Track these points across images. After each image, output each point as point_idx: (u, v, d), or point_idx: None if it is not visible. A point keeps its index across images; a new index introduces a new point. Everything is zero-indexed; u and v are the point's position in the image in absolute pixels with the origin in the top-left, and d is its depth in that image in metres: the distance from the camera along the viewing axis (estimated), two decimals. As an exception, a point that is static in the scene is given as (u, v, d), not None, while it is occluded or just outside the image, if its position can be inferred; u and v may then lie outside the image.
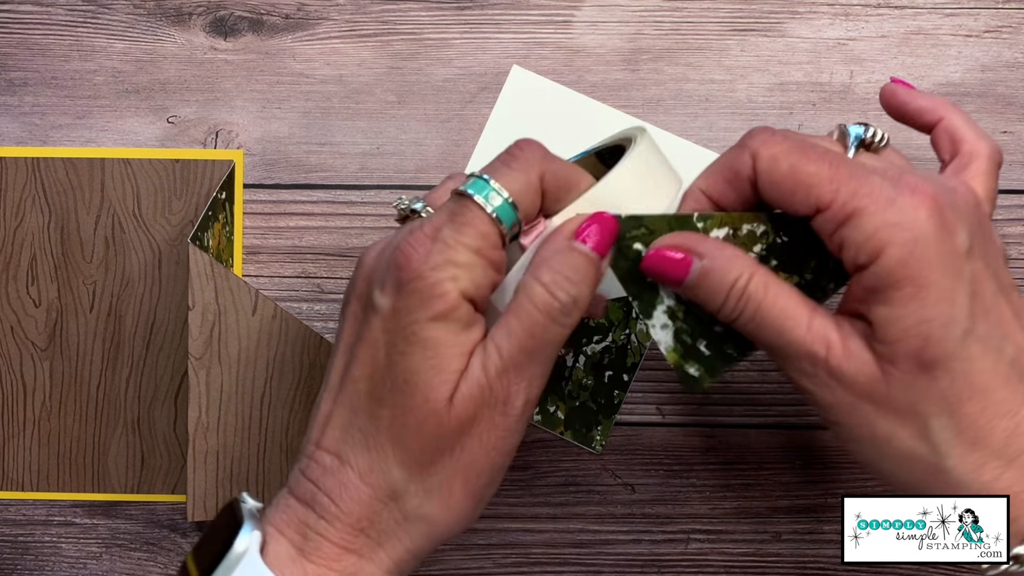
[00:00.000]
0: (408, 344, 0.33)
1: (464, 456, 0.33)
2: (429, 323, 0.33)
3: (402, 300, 0.33)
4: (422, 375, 0.33)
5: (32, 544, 0.48)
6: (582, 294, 0.33)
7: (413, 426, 0.33)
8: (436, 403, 0.33)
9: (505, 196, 0.33)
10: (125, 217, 0.48)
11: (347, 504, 0.34)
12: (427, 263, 0.33)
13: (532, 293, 0.33)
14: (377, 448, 0.34)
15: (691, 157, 0.47)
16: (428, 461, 0.33)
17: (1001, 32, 0.47)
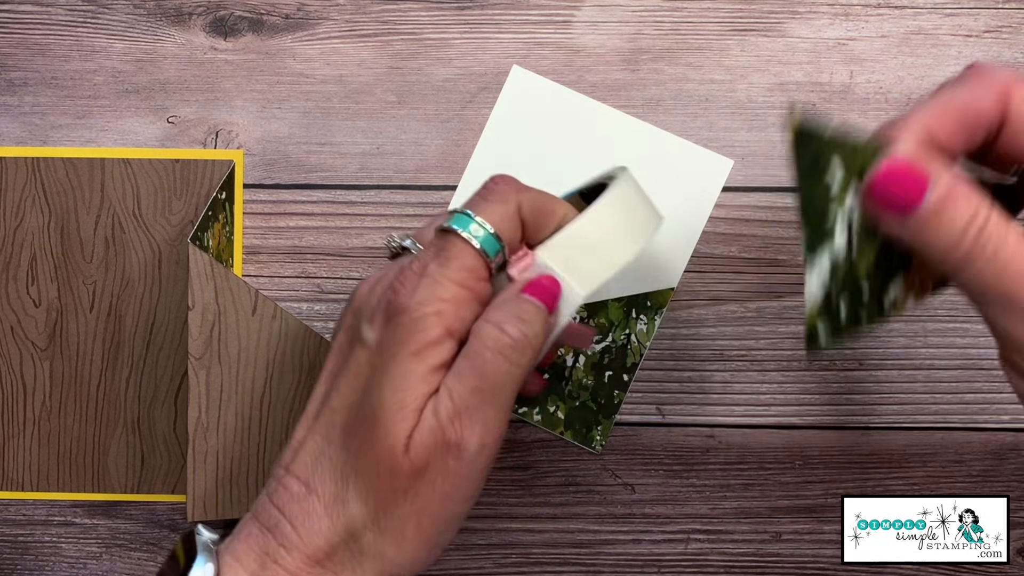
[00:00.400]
0: (383, 377, 0.33)
1: (418, 500, 0.33)
2: (407, 357, 0.33)
3: (388, 333, 0.33)
4: (387, 410, 0.33)
5: (32, 544, 0.48)
6: (534, 332, 0.34)
7: (373, 462, 0.33)
8: (394, 442, 0.33)
9: (488, 228, 0.34)
10: (125, 217, 0.48)
11: (307, 534, 0.33)
12: (414, 298, 0.33)
13: (482, 333, 0.33)
14: (342, 480, 0.33)
15: (691, 157, 0.47)
16: (384, 499, 0.33)
17: (1001, 32, 0.47)
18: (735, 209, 0.47)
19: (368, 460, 0.33)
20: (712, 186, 0.47)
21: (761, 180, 0.47)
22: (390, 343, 0.33)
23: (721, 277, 0.47)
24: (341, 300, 0.48)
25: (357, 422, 0.33)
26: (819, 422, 0.47)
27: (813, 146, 0.29)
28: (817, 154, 0.29)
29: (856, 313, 0.32)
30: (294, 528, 0.34)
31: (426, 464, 0.33)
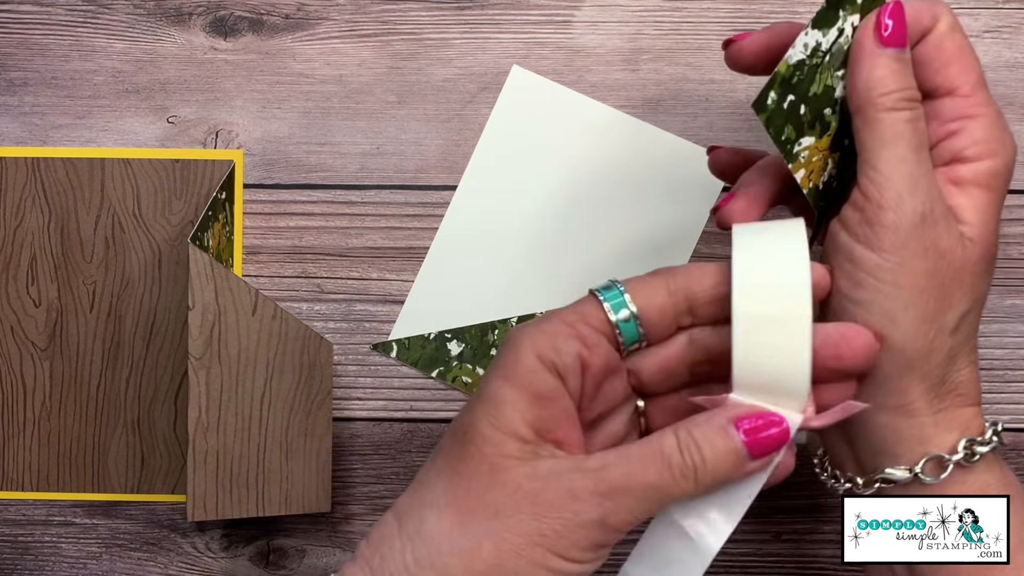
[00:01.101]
0: (477, 398, 0.33)
1: (504, 529, 0.31)
2: (497, 380, 0.32)
3: (493, 362, 0.33)
4: (479, 427, 0.32)
5: (32, 544, 0.48)
6: (709, 473, 0.31)
7: (464, 473, 0.32)
8: (491, 457, 0.31)
9: (621, 288, 0.34)
10: (125, 217, 0.48)
11: (374, 540, 0.33)
12: (520, 331, 0.33)
13: (663, 439, 0.31)
14: (420, 490, 0.33)
15: (691, 157, 0.47)
16: (466, 510, 0.32)
17: (1001, 32, 0.47)
18: (735, 209, 0.47)
19: (455, 471, 0.32)
20: (712, 186, 0.47)
21: (761, 180, 0.47)
22: (488, 370, 0.33)
23: (721, 277, 0.47)
24: (341, 300, 0.48)
25: (448, 440, 0.33)
26: (819, 422, 0.47)
27: None
28: None
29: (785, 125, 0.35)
30: (366, 540, 0.33)
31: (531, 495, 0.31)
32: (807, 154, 0.36)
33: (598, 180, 0.47)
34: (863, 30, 0.35)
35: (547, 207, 0.48)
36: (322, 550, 0.48)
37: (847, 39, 0.35)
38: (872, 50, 0.35)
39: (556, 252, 0.48)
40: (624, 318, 0.33)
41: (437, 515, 0.32)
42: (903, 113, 0.34)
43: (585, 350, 0.33)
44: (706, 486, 0.32)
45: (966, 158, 0.35)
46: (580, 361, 0.32)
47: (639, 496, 0.31)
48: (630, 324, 0.33)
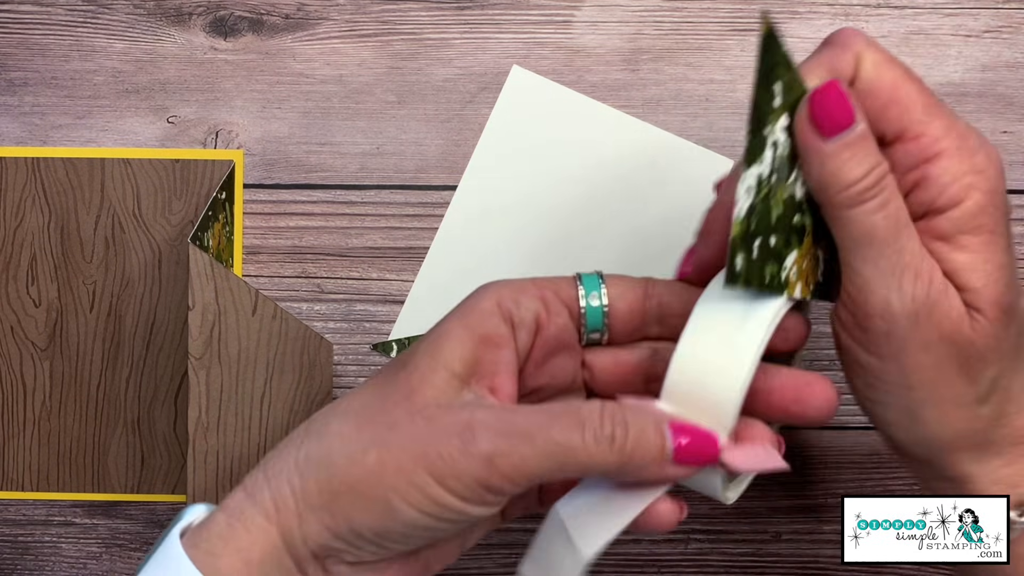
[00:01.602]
0: (426, 334, 0.33)
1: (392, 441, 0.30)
2: (450, 318, 0.32)
3: (460, 305, 0.33)
4: (415, 358, 0.32)
5: (32, 544, 0.48)
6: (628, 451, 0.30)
7: (384, 392, 0.32)
8: (415, 382, 0.31)
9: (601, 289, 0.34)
10: (125, 217, 0.48)
11: (280, 447, 0.32)
12: (490, 282, 0.33)
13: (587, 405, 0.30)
14: (340, 401, 0.33)
15: (691, 157, 0.47)
16: (366, 419, 0.31)
17: (1001, 32, 0.47)
18: (735, 209, 0.47)
19: (375, 385, 0.32)
20: (712, 186, 0.47)
21: (761, 180, 0.47)
22: (448, 313, 0.33)
23: (721, 277, 0.47)
24: (341, 300, 0.48)
25: (386, 369, 0.33)
26: (819, 422, 0.47)
27: (773, 54, 0.30)
28: (773, 64, 0.30)
29: (763, 269, 0.31)
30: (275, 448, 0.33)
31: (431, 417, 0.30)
32: (795, 269, 0.33)
33: (598, 180, 0.47)
34: (800, 125, 0.31)
35: (547, 207, 0.48)
36: (322, 550, 0.48)
37: (784, 145, 0.31)
38: (815, 147, 0.30)
39: (556, 252, 0.48)
40: (593, 303, 0.33)
41: (342, 420, 0.32)
42: (868, 204, 0.30)
43: (544, 313, 0.33)
44: (616, 463, 0.30)
45: (940, 208, 0.31)
46: (536, 320, 0.32)
47: (538, 447, 0.29)
48: (597, 310, 0.33)
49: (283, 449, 0.32)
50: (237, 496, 0.32)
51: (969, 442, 0.33)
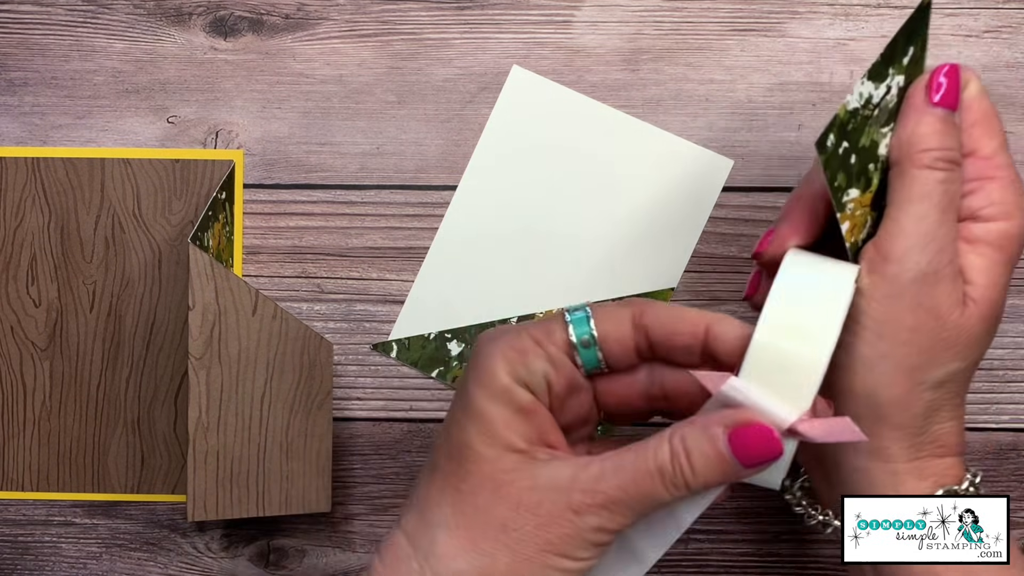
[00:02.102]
0: (464, 415, 0.33)
1: (514, 541, 0.32)
2: (483, 397, 0.33)
3: (465, 375, 0.34)
4: (475, 446, 0.33)
5: (32, 544, 0.48)
6: (699, 484, 0.32)
7: (467, 491, 0.33)
8: (491, 474, 0.33)
9: (588, 312, 0.34)
10: (125, 217, 0.48)
11: (390, 561, 0.34)
12: (490, 341, 0.34)
13: (658, 450, 0.32)
14: (427, 511, 0.34)
15: (691, 157, 0.47)
16: (476, 531, 0.33)
17: (1001, 32, 0.47)
18: (735, 209, 0.47)
19: (459, 490, 0.33)
20: (712, 186, 0.47)
21: (761, 180, 0.47)
22: (466, 382, 0.34)
23: (721, 277, 0.47)
24: (341, 300, 0.48)
25: (443, 458, 0.34)
26: (819, 422, 0.47)
27: (921, 25, 0.37)
28: (918, 29, 0.37)
29: (839, 171, 0.35)
30: (380, 560, 0.34)
31: (535, 509, 0.32)
32: (852, 206, 0.36)
33: (598, 180, 0.47)
34: (916, 87, 0.36)
35: (547, 207, 0.48)
36: (322, 550, 0.48)
37: (893, 98, 0.36)
38: (920, 107, 0.36)
39: (556, 252, 0.48)
40: (584, 343, 0.34)
41: (447, 535, 0.33)
42: (938, 173, 0.35)
43: (551, 370, 0.34)
44: (695, 492, 0.33)
45: (980, 217, 0.36)
46: (547, 380, 0.34)
47: (633, 505, 0.32)
48: (590, 350, 0.34)
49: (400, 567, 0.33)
50: None
51: (901, 418, 0.35)
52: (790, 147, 0.47)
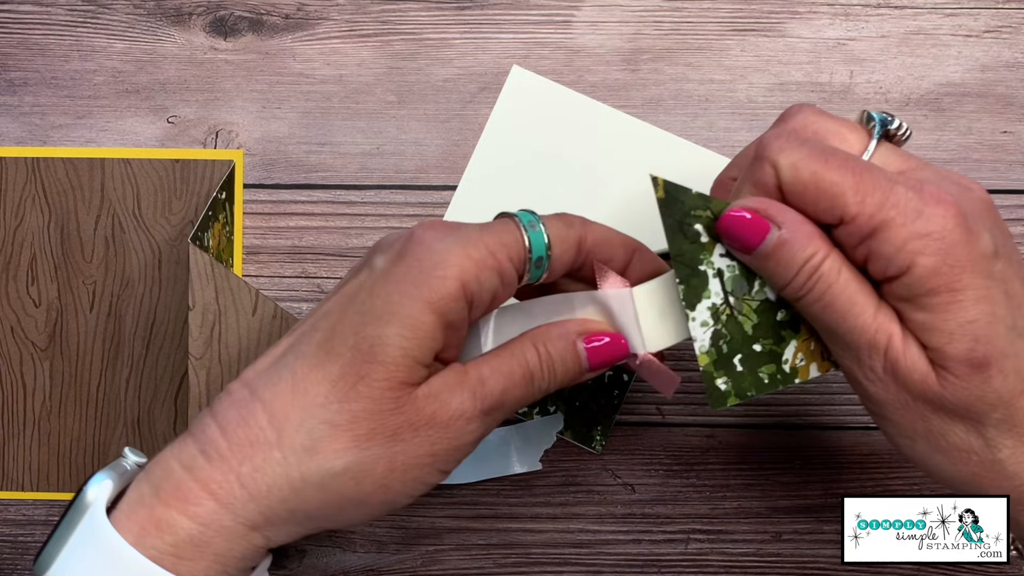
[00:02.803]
0: (391, 316, 0.31)
1: (399, 451, 0.31)
2: (422, 304, 0.31)
3: (400, 267, 0.32)
4: (391, 350, 0.31)
5: (32, 544, 0.48)
6: (564, 378, 0.35)
7: (364, 394, 0.31)
8: (397, 383, 0.31)
9: (543, 229, 0.34)
10: (125, 217, 0.48)
11: (239, 442, 0.31)
12: (440, 240, 0.32)
13: (528, 355, 0.34)
14: (305, 396, 0.31)
15: (691, 157, 0.47)
16: (362, 434, 0.31)
17: (1001, 32, 0.47)
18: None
19: (355, 390, 0.31)
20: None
21: (761, 180, 0.47)
22: (402, 277, 0.31)
23: (721, 277, 0.47)
24: (341, 300, 0.48)
25: (345, 347, 0.31)
26: (819, 422, 0.47)
27: (677, 209, 0.33)
28: (682, 216, 0.33)
29: (756, 373, 0.34)
30: (223, 433, 0.31)
31: (430, 421, 0.32)
32: (801, 355, 0.34)
33: (598, 180, 0.47)
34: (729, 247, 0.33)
35: (547, 207, 0.48)
36: (322, 550, 0.48)
37: (734, 266, 0.34)
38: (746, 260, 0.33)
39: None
40: (539, 263, 0.34)
41: (329, 433, 0.31)
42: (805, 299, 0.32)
43: (500, 287, 0.33)
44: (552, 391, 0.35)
45: (892, 276, 0.31)
46: (493, 297, 0.33)
47: (509, 409, 0.34)
48: (540, 270, 0.35)
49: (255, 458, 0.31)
50: (207, 505, 0.31)
51: (991, 477, 0.32)
52: (790, 147, 0.47)
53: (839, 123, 0.34)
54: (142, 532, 0.31)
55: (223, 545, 0.31)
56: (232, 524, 0.31)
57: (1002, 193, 0.47)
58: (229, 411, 0.32)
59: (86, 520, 0.31)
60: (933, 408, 0.32)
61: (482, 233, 0.33)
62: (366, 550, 0.48)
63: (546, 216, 0.35)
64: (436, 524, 0.47)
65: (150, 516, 0.31)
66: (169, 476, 0.31)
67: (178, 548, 0.31)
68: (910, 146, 0.46)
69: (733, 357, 0.34)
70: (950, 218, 0.30)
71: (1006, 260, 0.32)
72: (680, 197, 0.33)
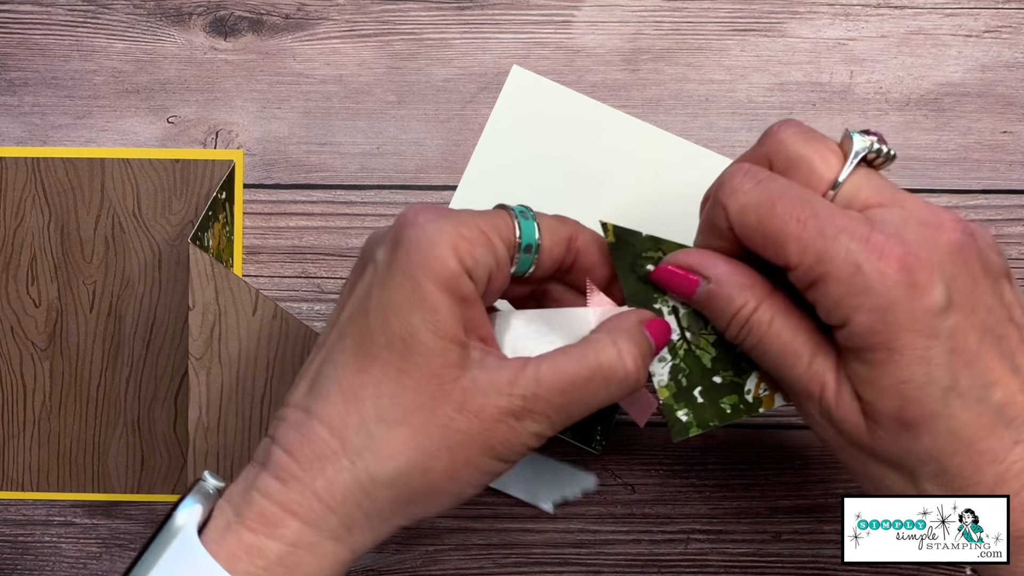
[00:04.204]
0: (409, 302, 0.31)
1: (457, 442, 0.32)
2: (431, 284, 0.31)
3: (400, 254, 0.32)
4: (422, 337, 0.31)
5: (32, 544, 0.48)
6: (642, 377, 0.34)
7: (410, 386, 0.31)
8: (437, 368, 0.31)
9: (535, 221, 0.35)
10: (125, 217, 0.48)
11: (307, 459, 0.31)
12: (432, 222, 0.32)
13: (603, 349, 0.33)
14: (356, 402, 0.32)
15: (691, 157, 0.47)
16: (418, 426, 0.31)
17: (1001, 32, 0.47)
18: (735, 209, 0.47)
19: (401, 384, 0.31)
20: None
21: (761, 180, 0.47)
22: (404, 264, 0.32)
23: (721, 277, 0.47)
24: (341, 300, 0.48)
25: (379, 347, 0.32)
26: (819, 422, 0.47)
27: (629, 251, 0.35)
28: (634, 257, 0.35)
29: (717, 404, 0.35)
30: (291, 456, 0.32)
31: (478, 414, 0.31)
32: (764, 385, 0.35)
33: (598, 180, 0.47)
34: None
35: (547, 207, 0.48)
36: (322, 550, 0.48)
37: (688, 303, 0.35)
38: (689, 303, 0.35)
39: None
40: (528, 249, 0.34)
41: (387, 431, 0.31)
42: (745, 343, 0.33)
43: (495, 266, 0.33)
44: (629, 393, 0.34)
45: (834, 327, 0.31)
46: (488, 276, 0.33)
47: (571, 411, 0.33)
48: (530, 257, 0.35)
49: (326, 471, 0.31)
50: (292, 526, 0.31)
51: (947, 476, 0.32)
52: (790, 147, 0.47)
53: (817, 146, 0.33)
54: (232, 558, 0.31)
55: (312, 563, 0.32)
56: (318, 539, 0.32)
57: (1002, 193, 0.47)
58: (290, 434, 0.32)
59: (177, 544, 0.32)
60: (868, 455, 0.33)
61: (471, 214, 0.33)
62: (366, 550, 0.48)
63: (540, 213, 0.36)
64: (436, 524, 0.47)
65: (239, 542, 0.31)
66: (250, 504, 0.32)
67: (269, 571, 0.31)
68: (913, 144, 0.46)
69: (693, 390, 0.35)
70: (891, 274, 0.29)
71: (963, 312, 0.30)
72: (630, 240, 0.35)
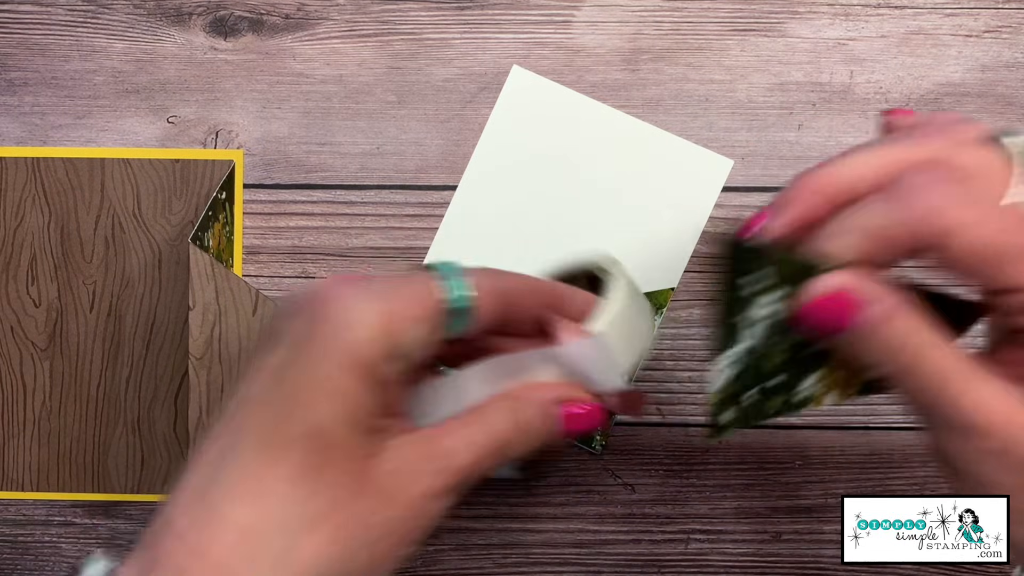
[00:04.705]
0: (317, 393, 0.29)
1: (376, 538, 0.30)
2: (342, 371, 0.29)
3: (316, 334, 0.29)
4: (334, 432, 0.29)
5: (32, 544, 0.48)
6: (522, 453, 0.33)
7: (324, 485, 0.29)
8: (355, 463, 0.30)
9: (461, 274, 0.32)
10: (125, 217, 0.48)
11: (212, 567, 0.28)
12: (352, 297, 0.30)
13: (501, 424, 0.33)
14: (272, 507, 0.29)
15: (691, 157, 0.47)
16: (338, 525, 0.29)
17: (1001, 32, 0.47)
18: (735, 209, 0.47)
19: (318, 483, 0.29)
20: (712, 186, 0.47)
21: (761, 180, 0.47)
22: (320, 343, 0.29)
23: (721, 277, 0.47)
24: (341, 300, 0.48)
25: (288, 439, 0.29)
26: (819, 422, 0.47)
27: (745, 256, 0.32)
28: (748, 262, 0.32)
29: (762, 405, 0.34)
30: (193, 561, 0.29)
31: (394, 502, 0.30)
32: (822, 385, 0.34)
33: (598, 180, 0.47)
34: None
35: (547, 207, 0.48)
36: (322, 550, 0.48)
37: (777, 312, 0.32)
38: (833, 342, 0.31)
39: (555, 252, 0.48)
40: (458, 313, 0.32)
41: (308, 535, 0.29)
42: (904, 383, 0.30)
43: (425, 337, 0.31)
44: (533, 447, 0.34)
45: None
46: (417, 347, 0.31)
47: (479, 477, 0.32)
48: (462, 319, 0.32)
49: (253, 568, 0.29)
50: None
51: None
52: (790, 147, 0.47)
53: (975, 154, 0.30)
54: None
55: None
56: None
57: (1002, 193, 0.47)
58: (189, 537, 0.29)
59: None
60: None
61: (396, 285, 0.31)
62: (366, 550, 0.48)
63: (468, 267, 0.33)
64: (436, 524, 0.47)
65: None
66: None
67: None
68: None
69: (743, 394, 0.34)
70: None
71: None
72: (751, 245, 0.32)
